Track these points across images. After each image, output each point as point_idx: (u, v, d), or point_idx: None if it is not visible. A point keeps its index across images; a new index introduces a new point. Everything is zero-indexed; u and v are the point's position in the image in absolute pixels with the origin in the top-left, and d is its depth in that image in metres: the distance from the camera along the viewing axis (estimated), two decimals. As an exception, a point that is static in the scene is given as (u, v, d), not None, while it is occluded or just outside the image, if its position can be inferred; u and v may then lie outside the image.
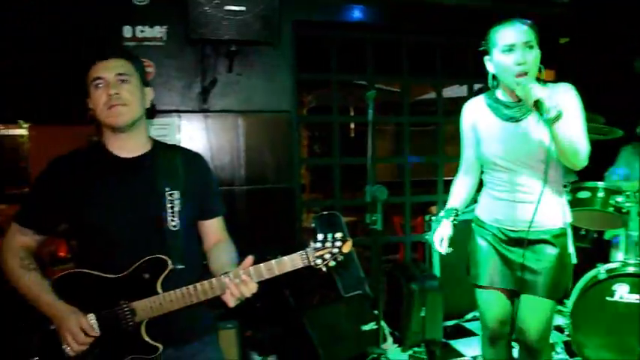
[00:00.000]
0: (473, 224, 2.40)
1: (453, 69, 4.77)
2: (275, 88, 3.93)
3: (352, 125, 7.77)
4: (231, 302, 1.62)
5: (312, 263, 1.60)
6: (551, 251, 2.15)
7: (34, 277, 1.69)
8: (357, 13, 4.19)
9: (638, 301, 2.95)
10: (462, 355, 3.49)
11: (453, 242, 2.36)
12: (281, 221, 3.85)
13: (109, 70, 1.69)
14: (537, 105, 1.89)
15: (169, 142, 1.96)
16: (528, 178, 2.14)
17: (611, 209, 3.12)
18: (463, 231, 2.48)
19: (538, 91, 1.90)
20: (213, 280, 1.61)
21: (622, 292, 2.99)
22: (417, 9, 4.32)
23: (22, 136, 5.55)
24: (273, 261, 1.60)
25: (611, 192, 3.13)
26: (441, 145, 4.65)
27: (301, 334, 3.17)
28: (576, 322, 3.06)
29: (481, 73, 2.25)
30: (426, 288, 3.44)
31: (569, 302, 3.14)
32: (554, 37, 5.08)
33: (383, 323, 3.46)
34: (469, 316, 3.90)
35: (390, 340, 3.52)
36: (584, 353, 3.07)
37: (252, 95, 3.87)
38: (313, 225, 3.86)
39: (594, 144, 4.44)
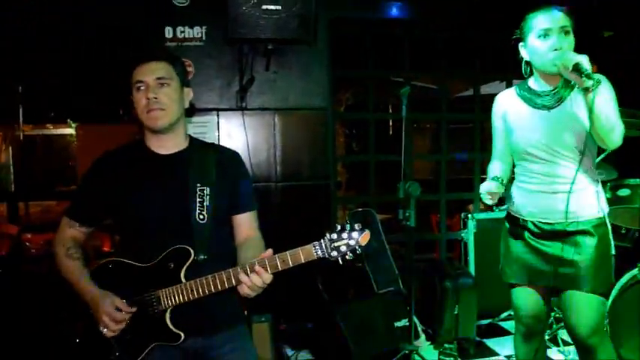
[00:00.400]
0: (505, 222, 2.37)
1: (491, 65, 4.71)
2: (311, 86, 3.98)
3: (390, 123, 7.74)
4: (247, 292, 1.66)
5: (327, 255, 1.57)
6: (591, 242, 2.10)
7: (76, 265, 1.83)
8: (392, 10, 4.19)
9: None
10: (495, 354, 3.46)
11: (488, 240, 2.32)
12: (316, 217, 3.88)
13: (150, 73, 1.79)
14: (578, 67, 1.85)
15: (208, 140, 2.06)
16: (562, 167, 2.11)
17: (652, 207, 3.04)
18: (498, 229, 2.46)
19: (576, 56, 1.88)
20: (231, 270, 1.67)
21: (664, 293, 2.91)
22: (452, 4, 4.30)
23: (70, 135, 5.80)
24: (287, 252, 1.61)
25: (653, 190, 3.05)
26: (479, 143, 4.60)
27: (333, 329, 3.21)
28: (613, 321, 2.99)
29: (519, 68, 2.23)
30: (459, 286, 3.43)
31: (608, 301, 3.07)
32: (595, 31, 4.96)
33: (415, 320, 3.47)
34: (504, 315, 3.86)
35: (422, 337, 3.52)
36: (620, 353, 3.00)
37: (288, 93, 3.94)
38: (348, 222, 3.89)
39: (635, 141, 4.34)
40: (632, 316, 2.94)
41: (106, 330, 1.72)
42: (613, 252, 2.16)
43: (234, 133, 3.86)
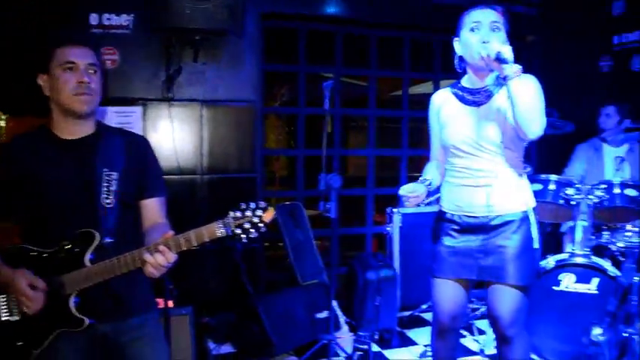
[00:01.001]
0: (436, 217, 2.39)
1: (421, 64, 4.84)
2: (241, 79, 3.97)
3: (329, 119, 7.82)
4: (152, 272, 1.64)
5: (231, 232, 1.57)
6: (514, 235, 2.15)
7: None
8: (325, 6, 4.25)
9: (583, 291, 3.04)
10: (415, 344, 3.56)
11: (413, 234, 2.32)
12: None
13: (82, 56, 1.77)
14: (499, 56, 1.93)
15: (131, 130, 2.04)
16: (487, 161, 2.16)
17: (561, 201, 3.20)
18: (423, 224, 2.48)
19: (499, 46, 1.96)
20: (135, 252, 1.65)
21: (568, 282, 3.07)
22: (385, 3, 4.39)
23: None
24: (191, 231, 1.61)
25: (562, 184, 3.21)
26: (404, 139, 4.71)
27: (256, 321, 3.21)
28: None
29: (449, 69, 2.28)
30: (381, 278, 3.51)
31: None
32: (521, 35, 5.18)
33: (338, 311, 3.53)
34: (425, 306, 3.96)
35: (345, 328, 3.58)
36: (533, 342, 3.13)
37: (217, 85, 3.91)
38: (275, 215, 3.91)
39: (549, 138, 4.55)
40: (541, 304, 3.07)
41: (26, 308, 1.68)
42: (536, 245, 2.20)
43: (160, 124, 3.80)
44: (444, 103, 2.31)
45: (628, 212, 3.18)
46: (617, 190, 3.09)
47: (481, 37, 2.07)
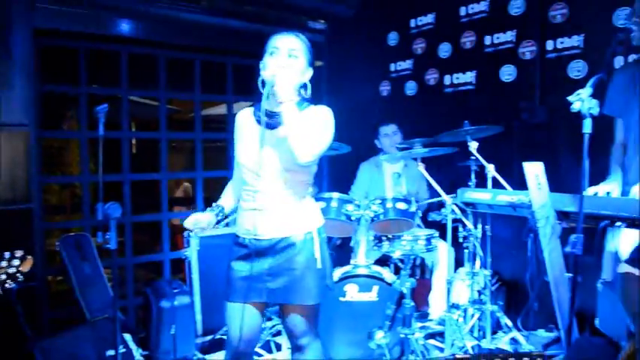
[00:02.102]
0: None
1: (215, 86, 4.87)
2: (11, 101, 3.57)
3: (134, 141, 7.48)
4: None
5: None
6: (298, 258, 2.21)
7: None
8: (108, 25, 4.05)
9: (365, 300, 3.29)
10: (215, 368, 3.53)
11: (212, 257, 2.28)
12: (15, 245, 3.48)
13: None
14: (267, 80, 2.04)
15: None
16: (270, 185, 2.21)
17: (343, 217, 3.43)
18: (222, 246, 2.44)
19: (271, 72, 2.04)
20: None
21: (352, 293, 3.30)
22: (174, 25, 4.34)
23: None
24: None
25: (343, 202, 3.45)
26: (198, 161, 4.70)
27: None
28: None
29: (243, 91, 2.29)
30: (176, 305, 3.41)
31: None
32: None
33: (132, 345, 3.34)
34: (224, 329, 3.94)
35: (139, 362, 3.41)
36: (327, 352, 3.29)
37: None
38: (58, 249, 3.61)
39: (332, 159, 4.86)
40: (331, 315, 3.23)
41: None
42: (320, 266, 2.26)
43: None
44: (243, 123, 2.35)
45: (402, 224, 3.52)
46: (389, 205, 3.40)
47: (278, 61, 2.14)
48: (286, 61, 2.15)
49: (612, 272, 2.77)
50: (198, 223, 2.27)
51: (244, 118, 2.37)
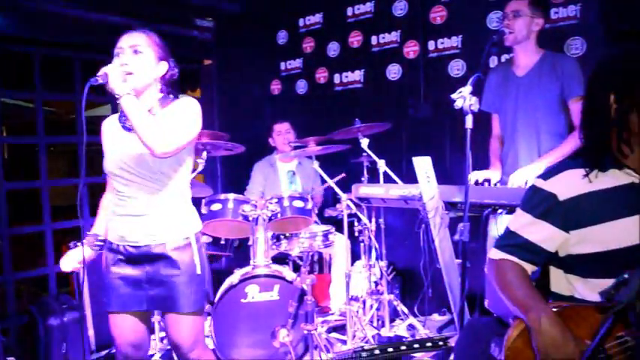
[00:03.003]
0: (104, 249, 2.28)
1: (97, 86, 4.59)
2: None
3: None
4: None
5: None
6: (178, 263, 2.15)
7: None
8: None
9: (267, 299, 3.28)
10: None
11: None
12: None
13: None
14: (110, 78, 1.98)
15: None
16: (146, 189, 2.13)
17: (240, 218, 3.40)
18: None
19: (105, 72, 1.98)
20: None
21: (253, 293, 3.28)
22: (50, 20, 4.05)
23: None
24: None
25: (240, 202, 3.41)
26: (82, 166, 4.39)
27: None
28: (218, 327, 3.23)
29: None
30: (65, 322, 3.20)
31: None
32: (198, 59, 5.40)
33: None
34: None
35: (25, 386, 3.17)
36: (230, 355, 3.24)
37: None
38: None
39: (226, 159, 4.81)
40: (232, 318, 3.21)
41: None
42: (199, 271, 2.21)
43: None
44: (108, 129, 2.26)
45: (299, 221, 3.56)
46: (286, 203, 3.42)
47: (120, 60, 2.08)
48: (130, 58, 2.10)
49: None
50: (74, 262, 2.30)
51: (109, 125, 2.29)
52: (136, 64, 2.09)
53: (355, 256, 3.97)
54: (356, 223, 3.62)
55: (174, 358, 3.53)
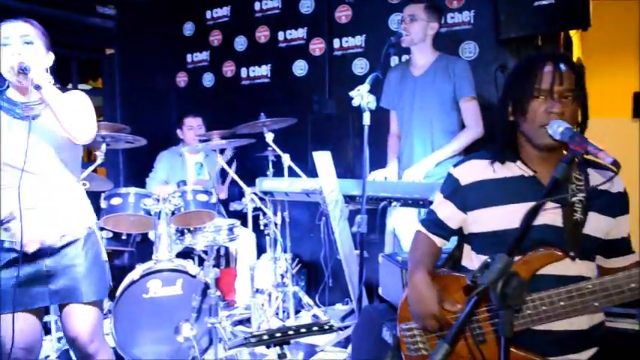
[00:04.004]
0: None
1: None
2: None
3: None
4: None
5: None
6: (80, 254, 2.14)
7: None
8: None
9: (170, 294, 3.24)
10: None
11: None
12: None
13: None
14: (22, 68, 1.94)
15: None
16: (46, 181, 2.08)
17: (142, 212, 3.33)
18: None
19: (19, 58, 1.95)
20: None
21: (156, 288, 3.23)
22: None
23: None
24: None
25: (141, 196, 3.34)
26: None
27: None
28: (118, 324, 3.14)
29: None
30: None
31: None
32: (99, 47, 5.20)
33: None
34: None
35: None
36: (132, 353, 3.17)
37: None
38: None
39: (127, 152, 4.68)
40: (134, 314, 3.13)
41: None
42: (104, 259, 2.25)
43: None
44: None
45: (203, 215, 3.54)
46: (190, 197, 3.39)
47: (12, 51, 2.01)
48: (22, 48, 2.04)
49: (392, 246, 3.16)
50: None
51: None
52: (29, 55, 2.02)
53: (261, 250, 4.00)
54: (261, 217, 3.66)
55: (72, 358, 3.42)
